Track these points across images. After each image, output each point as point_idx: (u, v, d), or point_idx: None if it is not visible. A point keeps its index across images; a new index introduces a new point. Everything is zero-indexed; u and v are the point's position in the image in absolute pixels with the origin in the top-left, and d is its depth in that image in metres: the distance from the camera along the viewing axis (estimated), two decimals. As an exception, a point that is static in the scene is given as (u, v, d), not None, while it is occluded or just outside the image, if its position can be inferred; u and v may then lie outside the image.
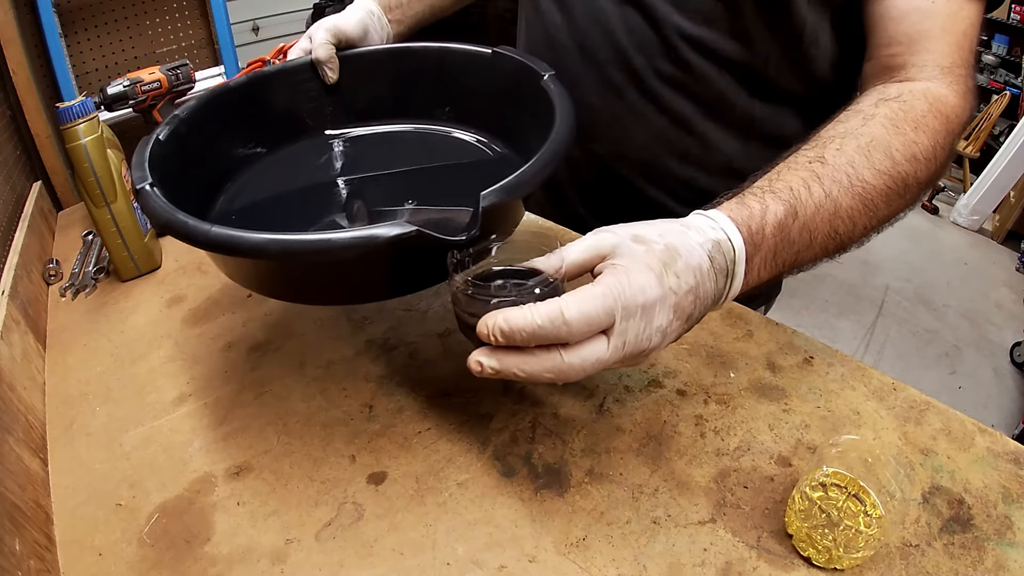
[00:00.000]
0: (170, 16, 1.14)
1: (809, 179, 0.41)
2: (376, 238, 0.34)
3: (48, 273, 0.70)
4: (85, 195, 0.68)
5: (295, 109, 0.62)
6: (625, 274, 0.33)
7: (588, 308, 0.32)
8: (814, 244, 0.41)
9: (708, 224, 0.38)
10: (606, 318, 0.33)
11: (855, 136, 0.43)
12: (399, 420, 0.47)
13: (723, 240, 0.38)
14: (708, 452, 0.44)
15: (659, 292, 0.34)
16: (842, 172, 0.42)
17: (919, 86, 0.47)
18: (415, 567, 0.37)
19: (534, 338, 0.32)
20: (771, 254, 0.40)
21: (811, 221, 0.40)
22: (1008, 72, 3.29)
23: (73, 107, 0.64)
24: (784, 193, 0.40)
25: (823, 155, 0.43)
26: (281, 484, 0.43)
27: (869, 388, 0.49)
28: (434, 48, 0.61)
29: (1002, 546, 0.37)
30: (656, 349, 0.35)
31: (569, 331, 0.32)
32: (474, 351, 0.34)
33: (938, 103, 0.45)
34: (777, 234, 0.39)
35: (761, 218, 0.39)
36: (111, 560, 0.39)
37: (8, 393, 0.45)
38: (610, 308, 0.33)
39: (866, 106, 0.46)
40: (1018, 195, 2.64)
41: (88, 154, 0.65)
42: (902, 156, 0.43)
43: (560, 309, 0.32)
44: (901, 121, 0.44)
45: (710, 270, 0.36)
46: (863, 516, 0.35)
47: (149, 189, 0.40)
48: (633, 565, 0.37)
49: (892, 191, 0.43)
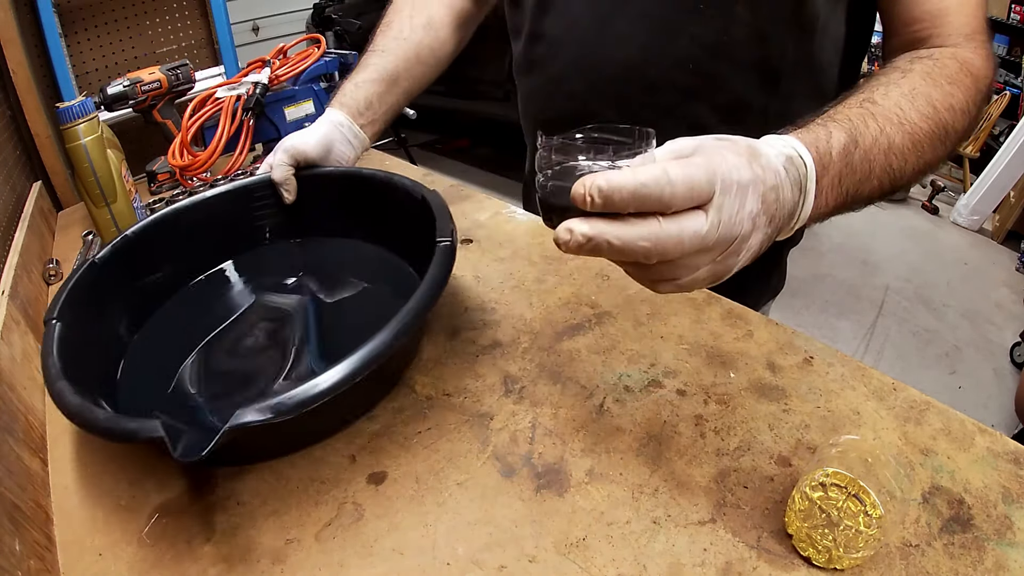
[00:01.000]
0: (170, 16, 1.14)
1: (864, 114, 0.43)
2: (133, 434, 0.36)
3: (48, 273, 0.70)
4: (85, 195, 0.68)
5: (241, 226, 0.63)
6: (719, 153, 0.33)
7: (692, 172, 0.31)
8: (872, 176, 0.43)
9: (779, 142, 0.39)
10: (707, 187, 0.32)
11: (897, 85, 0.46)
12: (399, 420, 0.47)
13: (795, 156, 0.38)
14: (708, 452, 0.44)
15: (750, 174, 0.34)
16: (892, 112, 0.44)
17: (947, 50, 0.50)
18: (415, 567, 0.37)
19: (634, 199, 0.31)
20: (837, 178, 0.41)
21: (870, 151, 0.42)
22: (1008, 72, 3.29)
23: (73, 107, 0.64)
24: (845, 123, 0.42)
25: (872, 97, 0.45)
26: (281, 484, 0.43)
27: (869, 388, 0.49)
28: (381, 177, 0.63)
29: (1002, 546, 0.37)
30: (745, 241, 0.34)
31: (672, 192, 0.31)
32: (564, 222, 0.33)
33: (967, 64, 0.49)
34: (842, 159, 0.41)
35: (827, 142, 0.40)
36: (111, 560, 0.39)
37: (8, 393, 0.45)
38: (711, 177, 0.32)
39: (902, 63, 0.49)
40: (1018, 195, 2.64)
41: (88, 154, 0.65)
42: (941, 105, 0.45)
43: (664, 168, 0.31)
44: (937, 75, 0.47)
45: (787, 177, 0.37)
46: (863, 516, 0.35)
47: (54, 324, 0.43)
48: (633, 565, 0.37)
49: (935, 135, 0.45)
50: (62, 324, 0.43)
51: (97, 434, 0.38)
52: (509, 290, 0.61)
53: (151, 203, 0.79)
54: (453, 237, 0.50)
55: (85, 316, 0.46)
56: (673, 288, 0.36)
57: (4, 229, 0.68)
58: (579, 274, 0.63)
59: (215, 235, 0.61)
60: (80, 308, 0.46)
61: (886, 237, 2.67)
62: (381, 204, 0.62)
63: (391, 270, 0.61)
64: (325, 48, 0.98)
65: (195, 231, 0.60)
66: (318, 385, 0.38)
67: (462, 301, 0.60)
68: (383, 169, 0.64)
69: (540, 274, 0.63)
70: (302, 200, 0.64)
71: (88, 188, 0.67)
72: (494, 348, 0.54)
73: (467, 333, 0.56)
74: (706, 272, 0.35)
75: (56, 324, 0.43)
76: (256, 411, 0.36)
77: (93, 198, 0.67)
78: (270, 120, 0.93)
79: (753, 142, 0.37)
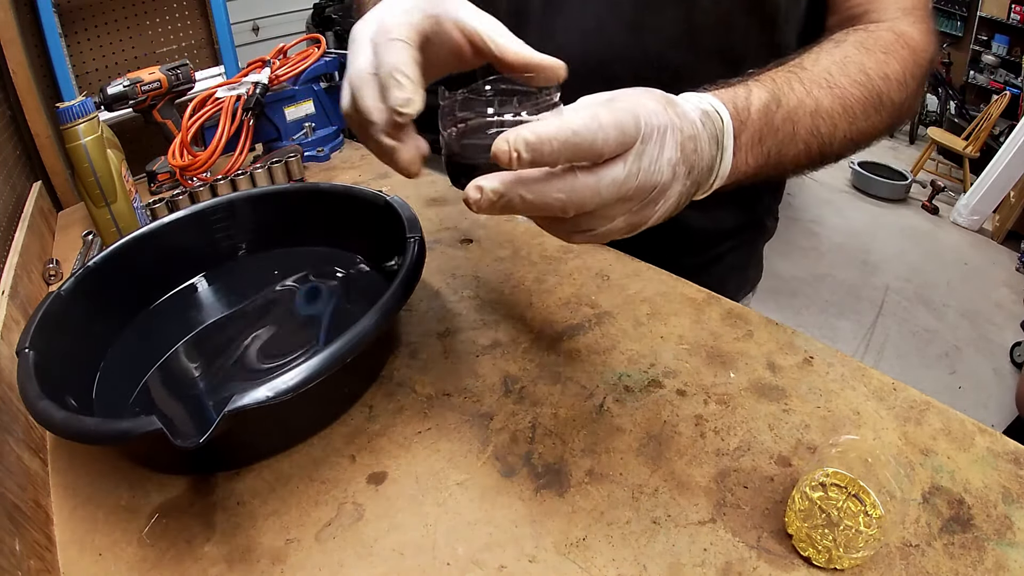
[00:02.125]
0: (170, 16, 1.14)
1: (789, 77, 0.43)
2: (127, 433, 0.36)
3: (48, 273, 0.70)
4: (85, 195, 0.68)
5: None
6: (636, 97, 0.32)
7: (620, 117, 0.30)
8: (796, 138, 0.42)
9: (695, 97, 0.38)
10: (635, 131, 0.31)
11: (829, 53, 0.46)
12: (399, 420, 0.47)
13: (711, 111, 0.37)
14: (708, 452, 0.44)
15: (667, 119, 0.32)
16: (820, 76, 0.43)
17: (884, 24, 0.50)
18: (415, 567, 0.37)
19: (565, 148, 0.29)
20: (757, 136, 0.40)
21: (794, 112, 0.41)
22: (1008, 72, 3.29)
23: (73, 107, 0.64)
24: (767, 83, 0.42)
25: (801, 63, 0.45)
26: (281, 484, 0.43)
27: (869, 388, 0.49)
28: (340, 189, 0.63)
29: (1002, 546, 0.37)
30: (664, 192, 0.33)
31: (605, 139, 0.29)
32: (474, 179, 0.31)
33: (904, 36, 0.48)
34: (762, 117, 0.40)
35: (746, 98, 0.40)
36: (111, 560, 0.39)
37: (8, 393, 0.45)
38: (637, 121, 0.31)
39: (837, 36, 0.49)
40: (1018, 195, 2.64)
41: (88, 154, 0.65)
42: (875, 73, 0.45)
43: (594, 114, 0.29)
44: (871, 45, 0.47)
45: (704, 130, 0.36)
46: (863, 516, 0.35)
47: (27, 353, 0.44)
48: (633, 565, 0.37)
49: (868, 102, 0.44)
50: (35, 352, 0.44)
51: (90, 441, 0.38)
52: (509, 290, 0.61)
53: (151, 203, 0.79)
54: (420, 233, 0.53)
55: (56, 343, 0.47)
56: (588, 239, 0.34)
57: (4, 229, 0.68)
58: (579, 274, 0.63)
59: (182, 257, 0.62)
60: (50, 336, 0.47)
61: (886, 237, 2.68)
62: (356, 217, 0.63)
63: (364, 275, 0.62)
64: (325, 48, 0.98)
65: (161, 256, 0.60)
66: (314, 365, 0.38)
67: (462, 301, 0.60)
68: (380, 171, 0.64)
69: (540, 274, 0.63)
70: (271, 215, 0.64)
71: (88, 188, 0.67)
72: (494, 348, 0.54)
73: (467, 333, 0.56)
74: (623, 222, 0.33)
75: (29, 353, 0.43)
76: (253, 395, 0.36)
77: (93, 198, 0.67)
78: (270, 120, 0.93)
79: (668, 95, 0.35)
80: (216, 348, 0.54)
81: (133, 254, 0.57)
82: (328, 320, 0.58)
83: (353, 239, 0.63)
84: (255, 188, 0.78)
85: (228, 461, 0.44)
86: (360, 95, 0.35)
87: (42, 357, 0.44)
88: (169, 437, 0.34)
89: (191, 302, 0.60)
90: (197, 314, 0.58)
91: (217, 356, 0.53)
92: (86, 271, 0.53)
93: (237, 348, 0.54)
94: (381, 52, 0.34)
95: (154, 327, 0.57)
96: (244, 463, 0.44)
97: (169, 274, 0.61)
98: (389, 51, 0.34)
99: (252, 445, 0.45)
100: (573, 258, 0.65)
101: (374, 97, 0.34)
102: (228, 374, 0.51)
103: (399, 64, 0.33)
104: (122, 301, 0.56)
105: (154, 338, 0.55)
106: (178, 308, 0.59)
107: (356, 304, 0.58)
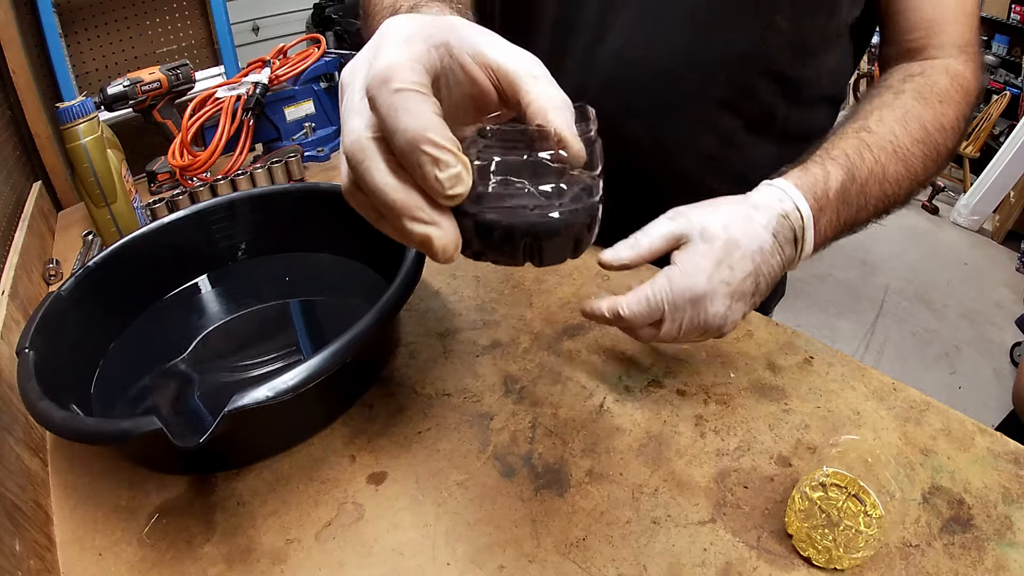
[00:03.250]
0: (170, 16, 1.14)
1: (860, 147, 0.46)
2: (127, 433, 0.36)
3: (48, 273, 0.70)
4: (85, 195, 0.68)
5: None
6: (680, 275, 0.41)
7: (636, 309, 0.42)
8: (868, 205, 0.46)
9: (776, 196, 0.43)
10: (653, 314, 0.41)
11: (891, 108, 0.48)
12: (399, 420, 0.47)
13: (791, 211, 0.42)
14: (708, 452, 0.44)
15: (706, 288, 0.40)
16: (886, 140, 0.46)
17: (939, 63, 0.52)
18: (415, 567, 0.37)
19: (603, 320, 0.44)
20: (835, 215, 0.44)
21: (866, 184, 0.45)
22: (1008, 72, 3.29)
23: (73, 107, 0.64)
24: (841, 159, 0.45)
25: (868, 125, 0.47)
26: (281, 484, 0.43)
27: (869, 388, 0.49)
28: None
29: (1002, 546, 0.37)
30: (724, 325, 0.42)
31: (629, 323, 0.42)
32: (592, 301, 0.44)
33: (958, 78, 0.50)
34: (839, 196, 0.44)
35: (824, 183, 0.43)
36: (111, 560, 0.39)
37: (8, 393, 0.45)
38: (657, 307, 0.41)
39: (895, 82, 0.51)
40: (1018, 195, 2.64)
41: (88, 154, 0.65)
42: (932, 127, 0.48)
43: (618, 307, 0.42)
44: (928, 94, 0.49)
45: (773, 247, 0.42)
46: (863, 516, 0.35)
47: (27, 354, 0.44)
48: (633, 565, 0.37)
49: (928, 157, 0.48)
50: (35, 352, 0.44)
51: (90, 441, 0.38)
52: (509, 290, 0.61)
53: (151, 203, 0.78)
54: None
55: (56, 343, 0.47)
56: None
57: (4, 229, 0.68)
58: (579, 274, 0.63)
59: (182, 257, 0.61)
60: (50, 336, 0.47)
61: (886, 237, 2.68)
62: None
63: (364, 279, 0.62)
64: (325, 48, 0.98)
65: (161, 256, 0.60)
66: (314, 364, 0.38)
67: (462, 301, 0.60)
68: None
69: (540, 274, 0.63)
70: (273, 217, 0.64)
71: (88, 188, 0.67)
72: (494, 348, 0.54)
73: (467, 333, 0.56)
74: (695, 341, 0.44)
75: (29, 353, 0.43)
76: (253, 395, 0.36)
77: (93, 198, 0.67)
78: (270, 120, 0.93)
79: (738, 228, 0.41)
80: (216, 348, 0.54)
81: (133, 254, 0.57)
82: (327, 321, 0.58)
83: (353, 239, 0.63)
84: (255, 188, 0.78)
85: (228, 461, 0.44)
86: (364, 171, 0.26)
87: (42, 357, 0.44)
88: (169, 437, 0.34)
89: (191, 302, 0.60)
90: (197, 314, 0.58)
91: (217, 355, 0.53)
92: (86, 271, 0.53)
93: (237, 348, 0.54)
94: (387, 109, 0.24)
95: (154, 327, 0.57)
96: (244, 463, 0.44)
97: (169, 274, 0.60)
98: (400, 107, 0.24)
99: (252, 445, 0.45)
100: (573, 258, 0.65)
101: (384, 172, 0.25)
102: (228, 374, 0.51)
103: (426, 126, 0.24)
104: (122, 301, 0.56)
105: (154, 338, 0.55)
106: (178, 308, 0.59)
107: (356, 304, 0.58)
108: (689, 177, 0.61)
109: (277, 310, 0.59)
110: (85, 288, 0.52)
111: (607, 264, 0.44)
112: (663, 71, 0.56)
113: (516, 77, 0.27)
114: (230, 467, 0.44)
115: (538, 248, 0.28)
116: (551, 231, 0.27)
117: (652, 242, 0.43)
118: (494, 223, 0.27)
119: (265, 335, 0.56)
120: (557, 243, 0.28)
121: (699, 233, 0.42)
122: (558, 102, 0.26)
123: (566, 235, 0.28)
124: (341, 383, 0.47)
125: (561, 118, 0.26)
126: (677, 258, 0.42)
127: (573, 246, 0.28)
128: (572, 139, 0.26)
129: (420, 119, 0.24)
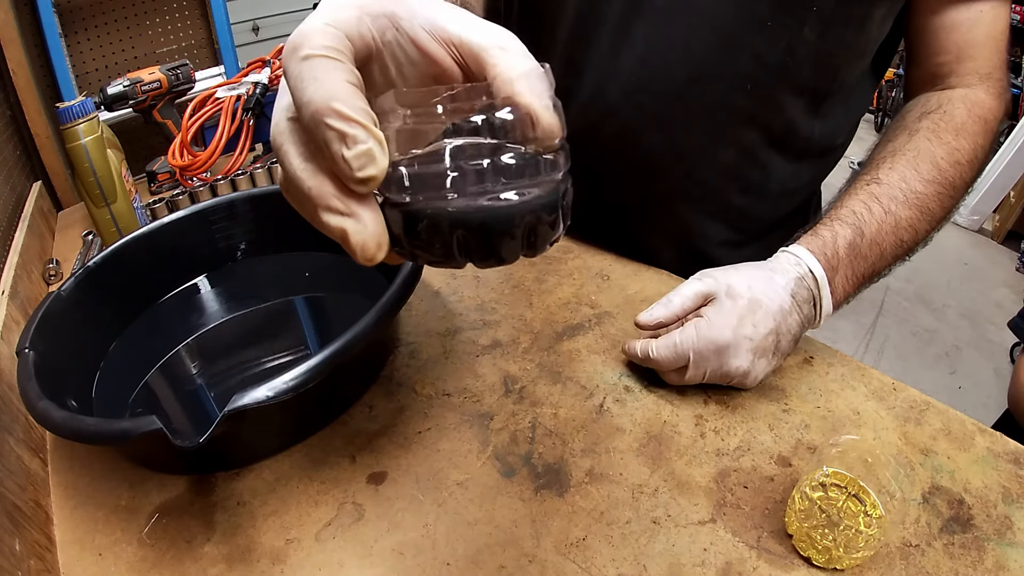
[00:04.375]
0: (170, 16, 1.14)
1: (868, 200, 0.48)
2: (127, 433, 0.36)
3: (48, 273, 0.70)
4: (85, 195, 0.68)
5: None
6: (706, 326, 0.44)
7: (663, 355, 0.46)
8: (884, 255, 0.48)
9: (792, 262, 0.47)
10: (680, 360, 0.45)
11: (903, 152, 0.50)
12: (399, 420, 0.47)
13: (806, 274, 0.46)
14: (708, 452, 0.44)
15: (730, 340, 0.44)
16: (896, 188, 0.48)
17: (958, 93, 0.52)
18: (415, 567, 0.37)
19: (636, 359, 0.49)
20: (849, 271, 0.47)
21: (877, 236, 0.47)
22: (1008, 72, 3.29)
23: (73, 107, 0.64)
24: (849, 217, 0.48)
25: (877, 176, 0.49)
26: (281, 484, 0.43)
27: (869, 388, 0.49)
28: None
29: (1002, 546, 0.37)
30: (746, 378, 0.45)
31: (657, 365, 0.47)
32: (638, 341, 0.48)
33: (976, 107, 0.51)
34: (850, 253, 0.47)
35: (833, 243, 0.47)
36: (111, 560, 0.39)
37: (8, 393, 0.45)
38: (683, 355, 0.45)
39: (910, 121, 0.53)
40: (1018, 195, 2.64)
41: (88, 154, 0.65)
42: (946, 163, 0.49)
43: (648, 349, 0.47)
44: (943, 131, 0.50)
45: (792, 307, 0.45)
46: (863, 516, 0.35)
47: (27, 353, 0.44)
48: (633, 565, 0.37)
49: (943, 194, 0.49)
50: (35, 352, 0.44)
51: (90, 441, 0.38)
52: (509, 290, 0.61)
53: (151, 203, 0.79)
54: None
55: (56, 343, 0.47)
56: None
57: (4, 229, 0.68)
58: (579, 274, 0.63)
59: (182, 257, 0.61)
60: (50, 336, 0.47)
61: (886, 237, 2.67)
62: None
63: (364, 279, 0.61)
64: (325, 48, 0.98)
65: (161, 257, 0.60)
66: (314, 364, 0.38)
67: (462, 301, 0.60)
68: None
69: (540, 274, 0.63)
70: (273, 217, 0.63)
71: (88, 188, 0.67)
72: (494, 348, 0.54)
73: (467, 333, 0.56)
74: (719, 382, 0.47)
75: (29, 353, 0.43)
76: (253, 395, 0.36)
77: (93, 198, 0.67)
78: (270, 120, 0.93)
79: (760, 288, 0.45)
80: (216, 348, 0.54)
81: (133, 254, 0.57)
82: (327, 320, 0.58)
83: None
84: (255, 188, 0.78)
85: (228, 461, 0.44)
86: (282, 157, 0.22)
87: (42, 357, 0.44)
88: (169, 437, 0.34)
89: (191, 302, 0.60)
90: (197, 314, 0.58)
91: (217, 356, 0.53)
92: (86, 271, 0.53)
93: (237, 348, 0.54)
94: (294, 80, 0.21)
95: (154, 327, 0.57)
96: (244, 463, 0.44)
97: (169, 274, 0.61)
98: (307, 76, 0.20)
99: (252, 445, 0.45)
100: (573, 258, 0.65)
101: (297, 156, 0.22)
102: (228, 374, 0.51)
103: (332, 95, 0.20)
104: (122, 301, 0.56)
105: (154, 338, 0.55)
106: (178, 308, 0.59)
107: (356, 304, 0.58)
108: (708, 188, 0.60)
109: (277, 310, 0.59)
110: (85, 288, 0.52)
111: (644, 326, 0.48)
112: (685, 81, 0.54)
113: (481, 50, 0.22)
114: (230, 467, 0.44)
115: (477, 243, 0.22)
116: (494, 221, 0.21)
117: (684, 300, 0.47)
118: (419, 213, 0.22)
119: (265, 335, 0.56)
120: (499, 236, 0.22)
121: (725, 291, 0.45)
122: (527, 69, 0.22)
123: (512, 226, 0.22)
124: (341, 383, 0.47)
125: (527, 87, 0.22)
126: (705, 312, 0.45)
127: (526, 241, 0.22)
128: (542, 110, 0.22)
129: (325, 88, 0.20)
